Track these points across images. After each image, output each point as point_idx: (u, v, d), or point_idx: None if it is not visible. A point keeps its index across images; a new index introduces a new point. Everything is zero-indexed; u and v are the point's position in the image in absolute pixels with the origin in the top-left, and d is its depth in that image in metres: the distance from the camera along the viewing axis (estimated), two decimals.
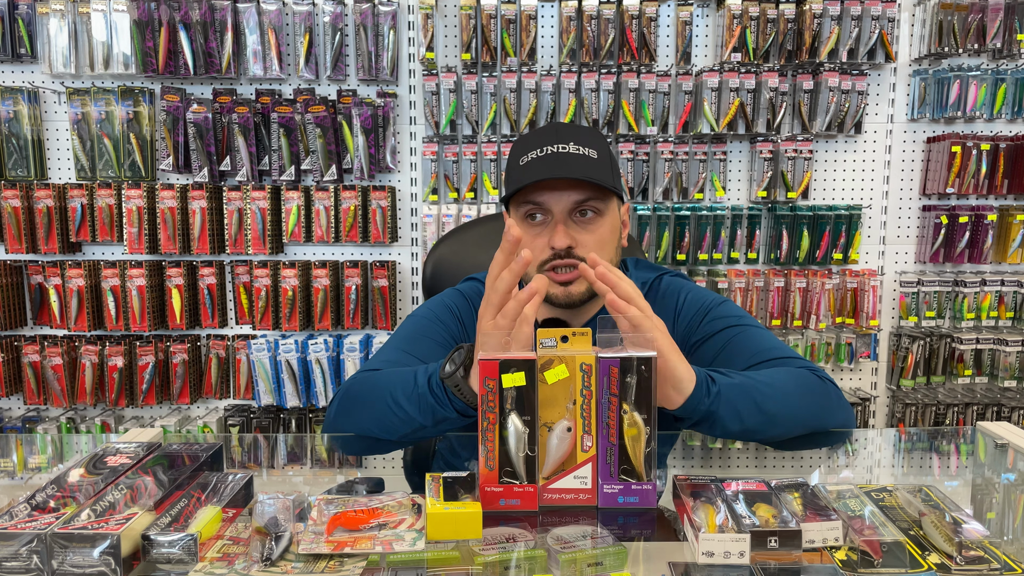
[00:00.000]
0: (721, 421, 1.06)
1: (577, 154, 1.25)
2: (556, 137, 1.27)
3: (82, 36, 2.77)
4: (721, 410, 1.04)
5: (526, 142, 1.31)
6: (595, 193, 1.26)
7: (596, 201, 1.27)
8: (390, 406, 1.14)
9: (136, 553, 0.76)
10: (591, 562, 0.78)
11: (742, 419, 1.07)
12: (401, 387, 1.14)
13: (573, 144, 1.26)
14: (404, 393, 1.13)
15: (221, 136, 2.83)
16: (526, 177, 1.24)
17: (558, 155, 1.25)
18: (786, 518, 0.80)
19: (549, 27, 2.90)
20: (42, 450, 1.35)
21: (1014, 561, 0.76)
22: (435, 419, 1.10)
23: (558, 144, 1.26)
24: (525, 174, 1.25)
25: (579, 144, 1.26)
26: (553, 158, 1.24)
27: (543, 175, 1.23)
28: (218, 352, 2.95)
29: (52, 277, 2.82)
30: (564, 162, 1.24)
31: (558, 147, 1.25)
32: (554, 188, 1.25)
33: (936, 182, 2.92)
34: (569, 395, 0.91)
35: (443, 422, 1.11)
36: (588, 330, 0.93)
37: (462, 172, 2.85)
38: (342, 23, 2.82)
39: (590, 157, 1.26)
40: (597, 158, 1.27)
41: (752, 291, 2.92)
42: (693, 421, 1.07)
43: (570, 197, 1.26)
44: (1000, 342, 2.95)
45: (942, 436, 1.54)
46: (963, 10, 2.82)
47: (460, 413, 1.08)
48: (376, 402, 1.17)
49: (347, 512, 0.84)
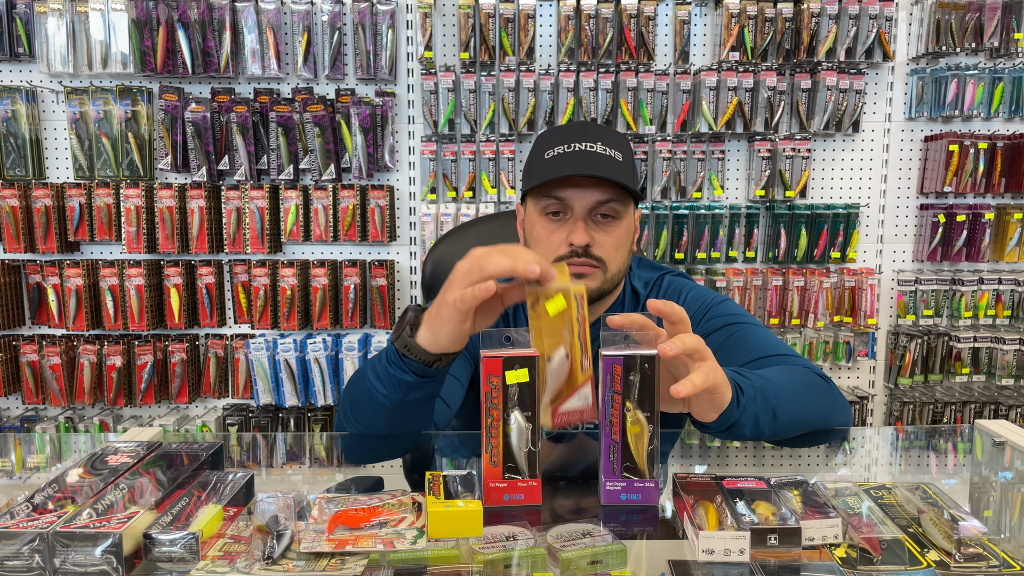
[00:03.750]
0: (740, 429, 1.06)
1: (604, 154, 1.25)
2: (584, 135, 1.27)
3: (80, 35, 2.77)
4: (743, 419, 1.04)
5: (552, 137, 1.31)
6: (617, 195, 1.27)
7: (617, 203, 1.27)
8: (370, 391, 1.13)
9: (138, 552, 0.76)
10: (591, 560, 0.78)
11: (759, 426, 1.07)
12: (371, 370, 1.13)
13: (601, 144, 1.26)
14: (373, 373, 1.12)
15: (219, 135, 2.83)
16: (553, 172, 1.24)
17: (585, 153, 1.25)
18: (785, 516, 0.81)
19: (547, 26, 2.90)
20: (40, 450, 1.35)
21: (1013, 559, 0.77)
22: (400, 389, 1.09)
23: (586, 142, 1.26)
24: (551, 168, 1.25)
25: (606, 145, 1.27)
26: (581, 155, 1.24)
27: (571, 171, 1.23)
28: (216, 351, 2.94)
29: (50, 276, 2.81)
30: (592, 161, 1.24)
31: (586, 145, 1.25)
32: (578, 186, 1.25)
33: (934, 181, 2.93)
34: (565, 323, 0.91)
35: (410, 391, 1.09)
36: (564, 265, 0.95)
37: (460, 171, 2.85)
38: (340, 22, 2.82)
39: (615, 159, 1.26)
40: (622, 161, 1.27)
41: (750, 290, 2.92)
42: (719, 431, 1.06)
43: (593, 196, 1.26)
44: (997, 340, 2.96)
45: (940, 434, 1.55)
46: (960, 9, 2.83)
47: (418, 376, 1.06)
48: (361, 395, 1.17)
49: (348, 510, 0.84)
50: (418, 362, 1.05)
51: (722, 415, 1.00)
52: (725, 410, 1.00)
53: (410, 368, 1.06)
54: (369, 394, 1.14)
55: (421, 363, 1.05)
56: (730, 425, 1.04)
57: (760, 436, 1.12)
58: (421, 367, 1.06)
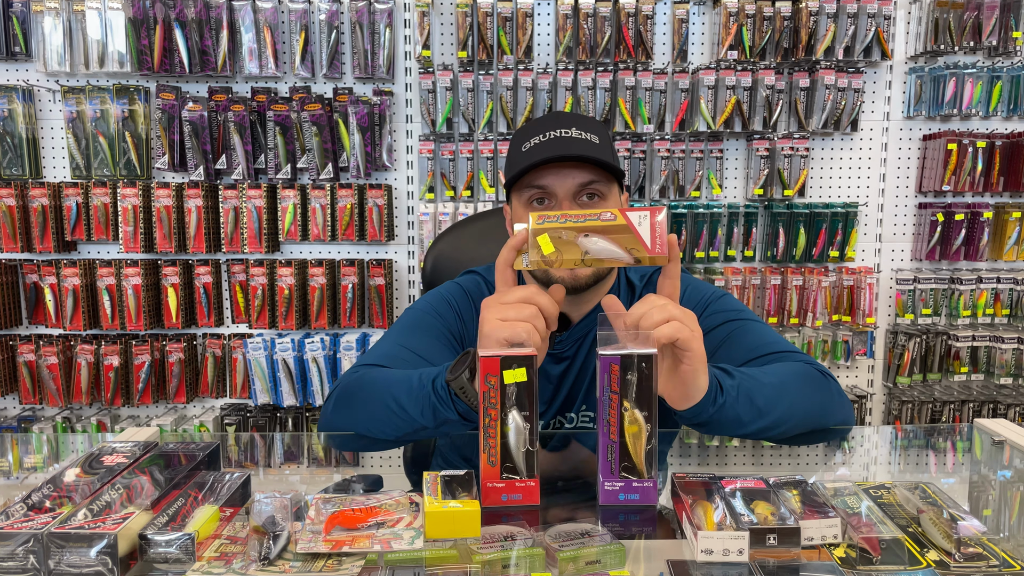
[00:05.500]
0: (720, 428, 1.06)
1: (580, 138, 1.26)
2: (557, 123, 1.28)
3: (77, 34, 2.76)
4: (720, 417, 1.04)
5: (527, 130, 1.31)
6: (599, 176, 1.27)
7: (600, 184, 1.27)
8: (390, 406, 1.13)
9: (133, 553, 0.75)
10: (589, 560, 0.78)
11: (742, 424, 1.06)
12: (403, 387, 1.13)
13: (575, 129, 1.27)
14: (406, 393, 1.12)
15: (217, 134, 2.82)
16: (529, 160, 1.25)
17: (561, 139, 1.25)
18: (784, 515, 0.80)
19: (545, 25, 2.90)
20: (37, 449, 1.34)
21: (1012, 558, 0.76)
22: (437, 420, 1.10)
23: (560, 129, 1.26)
24: (528, 158, 1.25)
25: (581, 129, 1.27)
26: (556, 142, 1.25)
27: (547, 155, 1.23)
28: (214, 351, 2.94)
29: (47, 276, 2.81)
30: (568, 145, 1.24)
31: (560, 132, 1.26)
32: (558, 171, 1.25)
33: (932, 180, 2.93)
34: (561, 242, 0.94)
35: (444, 424, 1.10)
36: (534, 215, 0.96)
37: (459, 170, 2.85)
38: (338, 21, 2.82)
39: (592, 142, 1.26)
40: (599, 143, 1.27)
41: (749, 289, 2.92)
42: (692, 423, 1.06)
43: (575, 179, 1.26)
44: (996, 339, 2.96)
45: (939, 433, 1.55)
46: (959, 8, 2.83)
47: (462, 416, 1.08)
48: (375, 401, 1.16)
49: (345, 511, 0.83)
50: (468, 406, 1.05)
51: (695, 408, 1.00)
52: (699, 403, 1.00)
53: (457, 408, 1.07)
54: (390, 409, 1.13)
55: (471, 407, 1.05)
56: (706, 421, 1.03)
57: (749, 435, 1.11)
58: (467, 409, 1.06)
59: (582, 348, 1.36)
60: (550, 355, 1.37)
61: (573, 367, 1.37)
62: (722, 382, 1.04)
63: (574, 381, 1.37)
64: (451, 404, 1.07)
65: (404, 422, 1.13)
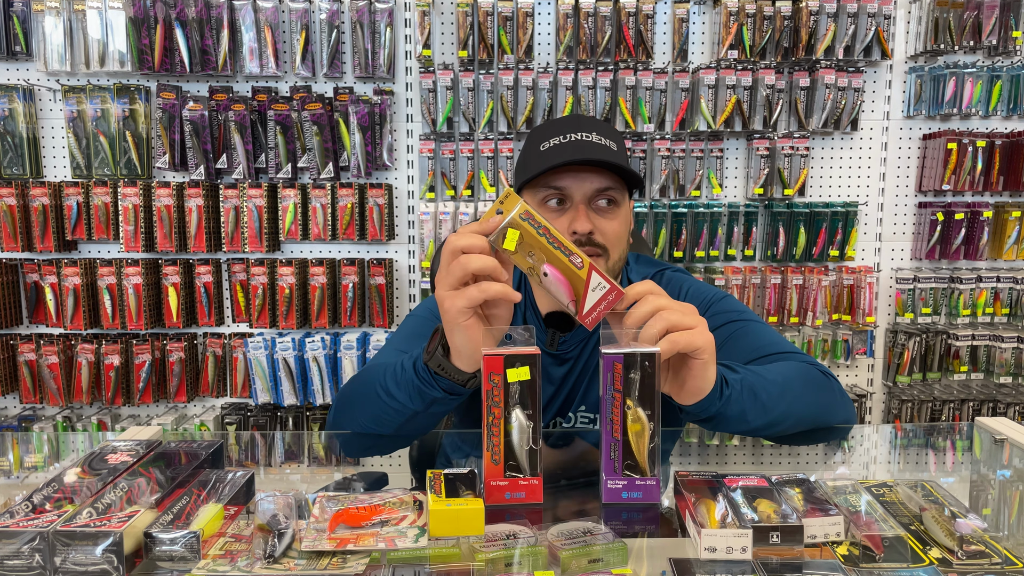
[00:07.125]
0: (726, 423, 1.06)
1: (599, 144, 1.26)
2: (578, 126, 1.28)
3: (77, 33, 2.76)
4: (726, 412, 1.04)
5: (546, 130, 1.31)
6: (615, 183, 1.28)
7: (615, 191, 1.28)
8: (382, 397, 1.15)
9: (138, 551, 0.75)
10: (592, 558, 0.78)
11: (746, 421, 1.07)
12: (390, 377, 1.14)
13: (595, 134, 1.27)
14: (393, 382, 1.13)
15: (217, 134, 2.82)
16: (551, 161, 1.24)
17: (581, 143, 1.25)
18: (787, 513, 0.81)
19: (546, 24, 2.90)
20: (38, 449, 1.34)
21: (1014, 556, 0.77)
22: (425, 402, 1.10)
23: (580, 133, 1.27)
24: (547, 159, 1.25)
25: (600, 135, 1.28)
26: (577, 145, 1.25)
27: (570, 157, 1.23)
28: (215, 350, 2.94)
29: (48, 275, 2.81)
30: (588, 149, 1.25)
31: (581, 135, 1.26)
32: (577, 174, 1.25)
33: (932, 179, 2.93)
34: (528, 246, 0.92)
35: (433, 404, 1.11)
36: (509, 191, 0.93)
37: (459, 170, 2.85)
38: (339, 20, 2.82)
39: (611, 148, 1.27)
40: (617, 151, 1.28)
41: (749, 288, 2.92)
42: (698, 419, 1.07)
43: (592, 184, 1.26)
44: (996, 338, 2.96)
45: (939, 432, 1.55)
46: (959, 7, 2.83)
47: (447, 391, 1.08)
48: (368, 396, 1.18)
49: (349, 509, 0.84)
50: (451, 380, 1.05)
51: (702, 403, 1.00)
52: (706, 398, 1.00)
53: (440, 385, 1.07)
54: (382, 400, 1.14)
55: (455, 382, 1.05)
56: (711, 416, 1.04)
57: (751, 431, 1.12)
58: (452, 385, 1.06)
59: (585, 349, 1.36)
60: (553, 356, 1.37)
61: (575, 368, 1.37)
62: (727, 376, 1.04)
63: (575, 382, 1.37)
64: (433, 383, 1.07)
65: (397, 411, 1.14)
